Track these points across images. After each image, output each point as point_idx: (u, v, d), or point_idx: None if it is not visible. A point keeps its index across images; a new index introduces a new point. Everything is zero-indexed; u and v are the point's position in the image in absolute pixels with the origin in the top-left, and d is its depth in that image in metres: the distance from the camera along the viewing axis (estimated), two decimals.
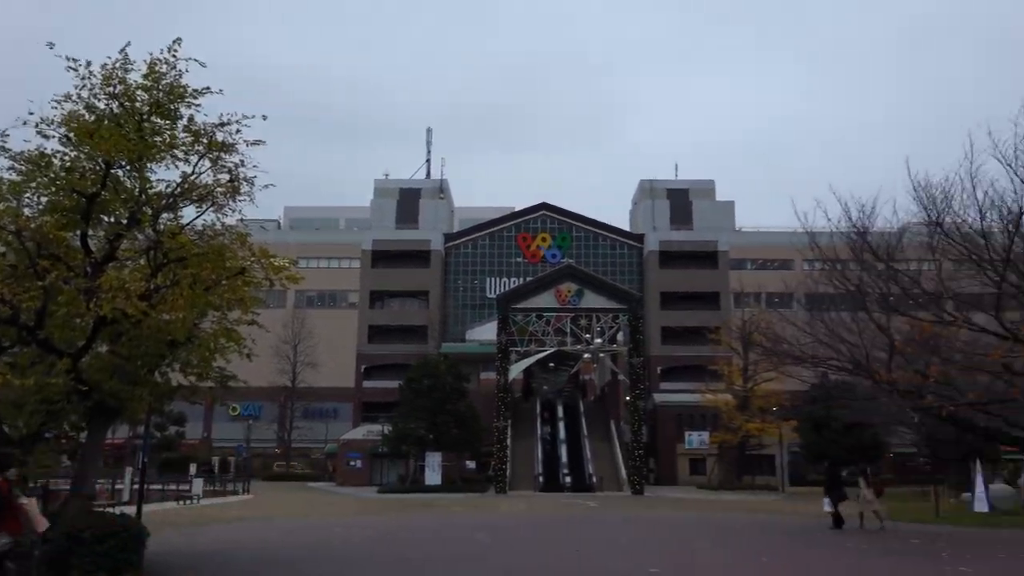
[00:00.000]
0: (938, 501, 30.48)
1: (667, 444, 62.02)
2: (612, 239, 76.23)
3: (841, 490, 23.18)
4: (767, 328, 30.17)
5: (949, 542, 18.56)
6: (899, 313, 24.12)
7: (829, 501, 23.00)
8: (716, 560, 15.60)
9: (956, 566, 14.18)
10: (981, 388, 23.23)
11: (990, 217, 22.20)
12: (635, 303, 51.93)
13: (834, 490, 23.11)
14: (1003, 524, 24.51)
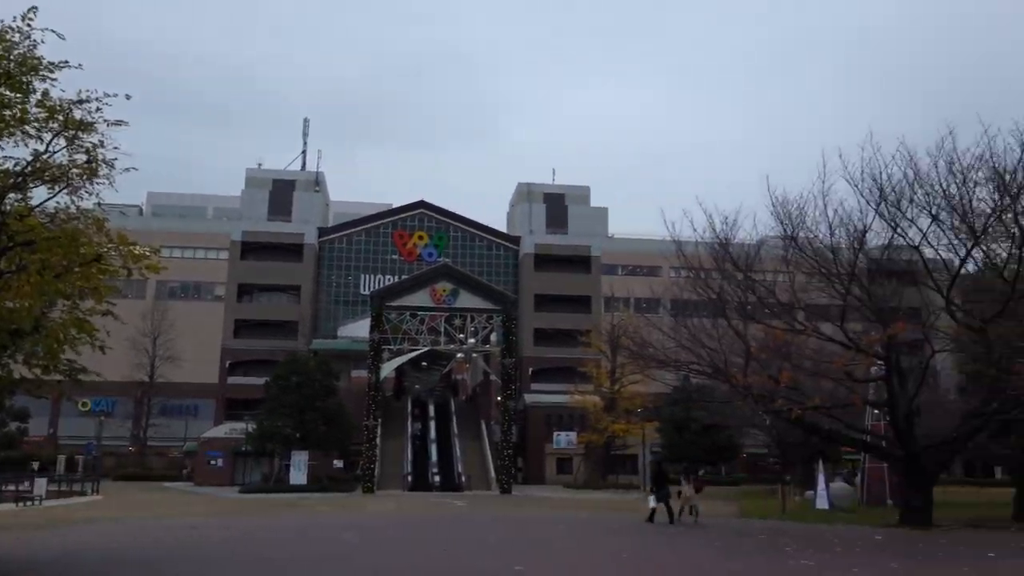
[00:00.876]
0: (784, 499, 32.34)
1: (536, 444, 63.04)
2: (489, 240, 76.76)
3: (666, 488, 24.32)
4: (635, 332, 31.18)
5: (793, 537, 19.74)
6: (755, 321, 25.54)
7: (654, 498, 24.01)
8: (579, 558, 15.99)
9: (799, 560, 15.14)
10: (826, 393, 24.93)
11: (839, 234, 23.93)
12: (509, 304, 52.50)
13: (660, 488, 24.18)
14: (840, 520, 26.29)
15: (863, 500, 35.05)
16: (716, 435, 51.96)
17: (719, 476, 60.74)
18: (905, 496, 24.61)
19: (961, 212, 22.29)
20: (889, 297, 24.55)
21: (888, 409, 24.21)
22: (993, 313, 21.86)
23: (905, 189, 22.67)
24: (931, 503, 24.11)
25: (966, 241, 22.80)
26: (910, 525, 22.94)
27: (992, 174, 21.92)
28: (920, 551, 16.90)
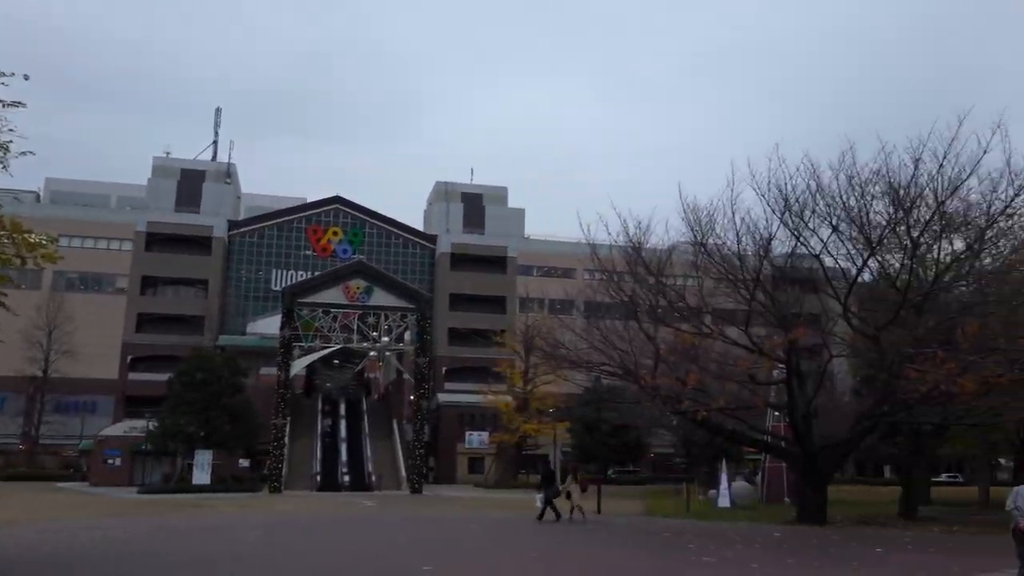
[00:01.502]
0: (689, 498, 33.23)
1: (448, 443, 62.98)
2: (405, 238, 76.21)
3: (554, 487, 24.84)
4: (548, 333, 31.53)
5: (696, 535, 20.32)
6: (665, 324, 26.17)
7: (542, 497, 24.44)
8: (488, 557, 16.05)
9: (701, 557, 15.60)
10: (730, 395, 25.72)
11: (745, 241, 24.76)
12: (424, 303, 52.24)
13: (547, 487, 24.63)
14: (741, 518, 27.19)
15: (763, 498, 36.37)
16: (625, 435, 53.02)
17: (627, 475, 61.99)
18: (802, 494, 25.64)
19: (859, 224, 23.41)
20: (791, 303, 25.57)
21: (788, 411, 25.19)
22: (886, 321, 23.03)
23: (808, 200, 23.66)
24: (826, 501, 25.21)
25: (863, 251, 23.96)
26: (806, 522, 23.93)
27: (888, 188, 23.12)
28: (815, 547, 17.65)
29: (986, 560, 15.09)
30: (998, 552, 16.66)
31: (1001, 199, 22.32)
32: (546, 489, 24.48)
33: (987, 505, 34.19)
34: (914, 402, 22.27)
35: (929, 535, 20.96)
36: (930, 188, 22.37)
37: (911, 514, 27.00)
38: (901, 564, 14.83)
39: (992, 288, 24.55)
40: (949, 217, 23.44)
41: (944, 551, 17.01)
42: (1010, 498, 11.41)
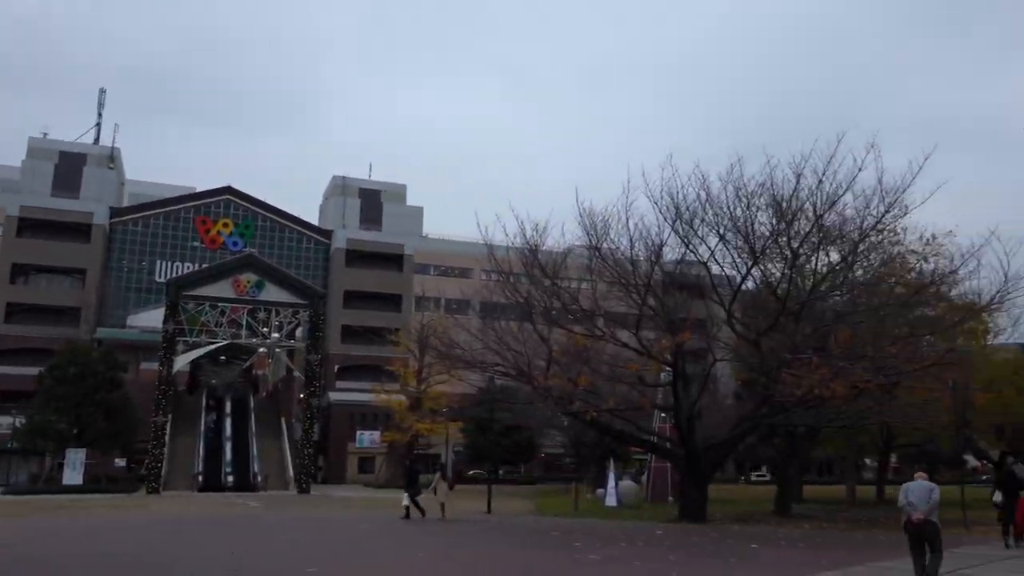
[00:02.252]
0: (577, 497, 33.80)
1: (338, 443, 61.92)
2: (300, 232, 74.46)
3: (417, 486, 25.14)
4: (443, 332, 31.48)
5: (583, 533, 20.68)
6: (559, 326, 26.53)
7: (408, 496, 24.75)
8: (375, 557, 15.87)
9: (587, 555, 15.89)
10: (620, 396, 26.33)
11: (638, 247, 25.37)
12: (318, 299, 51.17)
13: (411, 486, 24.94)
14: (627, 516, 27.87)
15: (648, 497, 37.38)
16: (517, 435, 53.50)
17: (518, 474, 62.56)
18: (684, 493, 26.49)
19: (744, 233, 24.37)
20: (679, 308, 26.36)
21: (673, 412, 25.98)
22: (766, 327, 24.09)
23: (698, 209, 24.46)
24: (706, 499, 26.13)
25: (747, 260, 24.95)
26: (688, 520, 24.74)
27: (772, 201, 24.16)
28: (695, 543, 18.27)
29: (851, 555, 15.99)
30: (862, 547, 17.74)
31: (873, 215, 23.73)
32: (410, 488, 24.82)
33: (854, 503, 36.24)
34: (790, 405, 23.35)
35: (800, 531, 22.04)
36: (810, 202, 23.53)
37: (785, 512, 28.30)
38: (774, 559, 15.53)
39: (862, 299, 26.05)
40: (826, 230, 24.70)
41: (813, 546, 17.92)
42: (902, 495, 12.05)
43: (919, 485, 11.84)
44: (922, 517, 11.46)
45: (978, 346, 34.49)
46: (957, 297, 28.52)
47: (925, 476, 12.27)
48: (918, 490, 11.73)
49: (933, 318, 26.28)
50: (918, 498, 11.63)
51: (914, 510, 11.57)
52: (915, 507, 11.59)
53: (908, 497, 11.79)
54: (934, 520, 11.63)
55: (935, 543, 11.60)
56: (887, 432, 37.55)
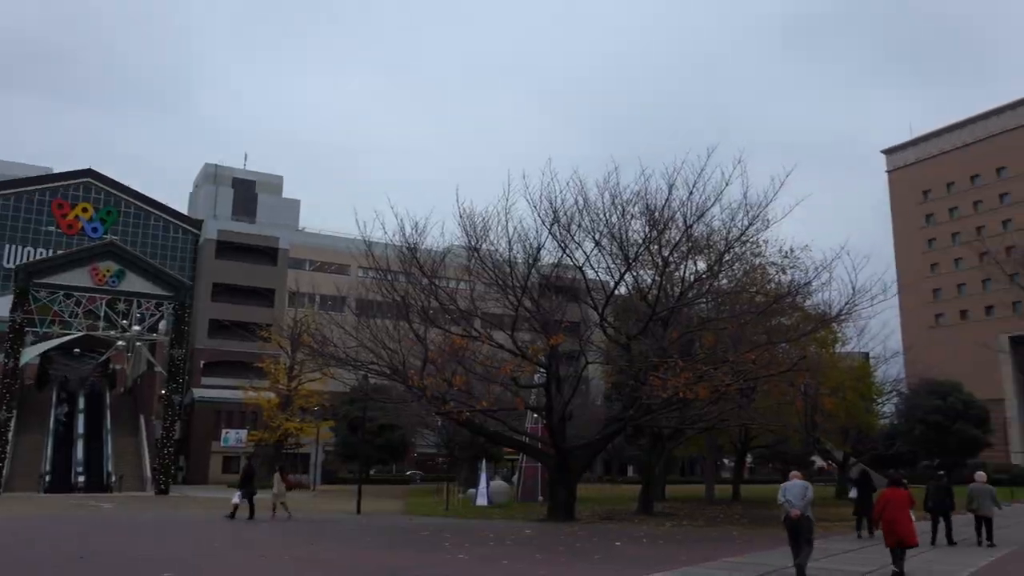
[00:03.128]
0: (448, 496, 33.84)
1: (201, 442, 59.48)
2: (166, 220, 70.97)
3: (252, 486, 24.99)
4: (317, 329, 30.77)
5: (452, 533, 20.73)
6: (436, 326, 26.50)
7: (240, 494, 24.64)
8: (231, 561, 15.35)
9: (456, 554, 15.94)
10: (494, 397, 26.56)
11: (516, 249, 25.69)
12: (184, 291, 48.91)
13: (246, 485, 24.85)
14: (496, 516, 28.13)
15: (518, 497, 37.88)
16: (390, 434, 52.99)
17: (389, 474, 61.97)
18: (553, 492, 27.00)
19: (619, 240, 25.13)
20: (555, 311, 26.87)
21: (546, 413, 26.44)
22: (636, 331, 24.92)
23: (575, 215, 25.03)
24: (575, 498, 26.73)
25: (621, 266, 25.73)
26: (556, 519, 25.23)
27: (645, 210, 25.03)
28: (562, 542, 18.66)
29: (708, 551, 16.75)
30: (718, 544, 18.62)
31: (738, 227, 24.97)
32: (245, 487, 24.59)
33: (712, 501, 37.96)
34: (657, 407, 24.25)
35: (662, 529, 22.90)
36: (680, 213, 24.52)
37: (649, 510, 29.32)
38: (636, 556, 16.06)
39: (726, 306, 27.38)
40: (695, 240, 25.80)
41: (674, 543, 18.67)
42: (780, 493, 12.98)
43: (795, 484, 12.87)
44: (798, 513, 12.49)
45: (827, 354, 36.93)
46: (810, 308, 30.41)
47: (799, 476, 13.29)
48: (794, 489, 12.77)
49: (789, 327, 27.91)
50: (795, 496, 12.65)
51: (792, 507, 12.59)
52: (792, 504, 12.60)
53: (786, 495, 12.78)
54: (808, 515, 12.67)
55: (808, 536, 12.66)
56: (744, 433, 39.63)
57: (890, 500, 13.32)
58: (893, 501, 13.26)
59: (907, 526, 13.00)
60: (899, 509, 13.10)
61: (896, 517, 13.00)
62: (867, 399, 43.89)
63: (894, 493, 13.43)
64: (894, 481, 14.09)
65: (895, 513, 13.06)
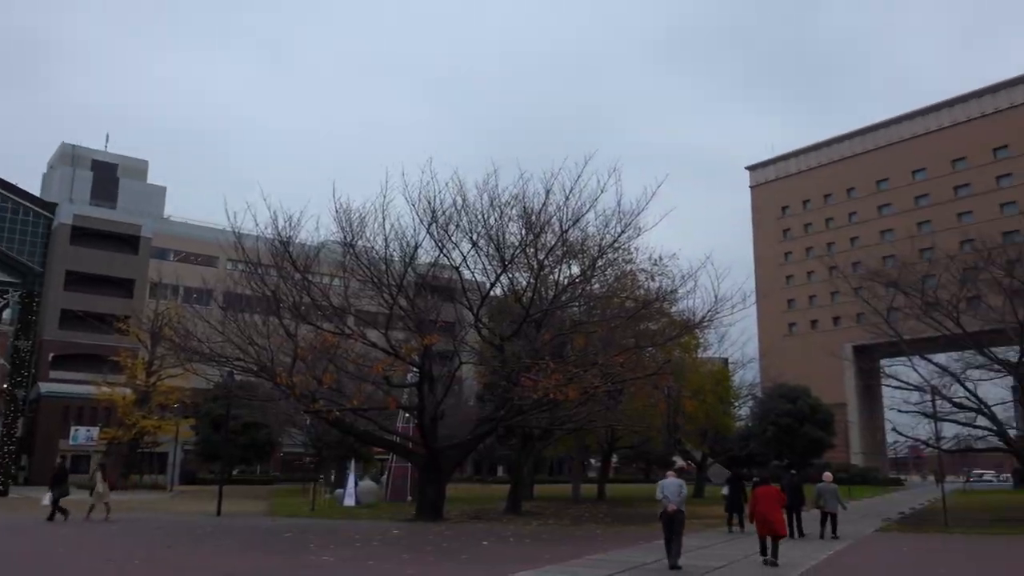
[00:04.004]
0: (314, 497, 33.15)
1: (47, 439, 55.62)
2: (16, 203, 65.73)
3: (64, 486, 24.20)
4: (180, 323, 29.40)
5: (317, 534, 20.32)
6: (307, 322, 25.90)
7: (51, 496, 23.85)
8: (82, 567, 14.48)
9: (320, 556, 15.63)
10: (365, 396, 26.21)
11: (393, 247, 25.47)
12: (32, 278, 45.58)
13: (58, 486, 23.99)
14: (363, 516, 27.79)
15: (387, 497, 37.56)
16: (255, 433, 51.38)
17: (254, 475, 60.02)
18: (422, 492, 26.93)
19: (496, 242, 25.36)
20: (430, 310, 26.81)
21: (417, 412, 26.34)
22: (510, 333, 25.23)
23: (454, 215, 25.06)
24: (444, 498, 26.75)
25: (497, 268, 25.97)
26: (425, 519, 25.18)
27: (522, 213, 25.38)
28: (429, 542, 18.64)
29: (572, 549, 17.16)
30: (582, 542, 19.11)
31: (611, 234, 25.75)
32: (56, 488, 23.73)
33: (578, 501, 38.89)
34: (528, 407, 24.63)
35: (529, 528, 23.27)
36: (557, 217, 25.02)
37: (517, 510, 29.72)
38: (502, 555, 16.26)
39: (597, 310, 28.14)
40: (570, 245, 26.39)
41: (540, 542, 19.02)
42: (659, 490, 14.24)
43: (672, 482, 14.21)
44: (675, 508, 13.79)
45: (690, 358, 38.60)
46: (676, 314, 31.70)
47: (675, 474, 14.67)
48: (671, 486, 14.09)
49: (655, 331, 28.98)
50: (672, 492, 13.98)
51: (669, 502, 13.87)
52: (670, 500, 13.89)
53: (664, 492, 14.07)
54: (683, 510, 14.01)
55: (682, 529, 13.99)
56: (611, 434, 40.81)
57: (762, 496, 14.76)
58: (765, 497, 14.72)
59: (778, 519, 14.58)
60: (770, 504, 14.58)
61: (768, 511, 14.44)
62: (725, 402, 46.16)
63: (766, 490, 14.90)
64: (764, 480, 15.80)
65: (767, 507, 14.48)
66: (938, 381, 29.34)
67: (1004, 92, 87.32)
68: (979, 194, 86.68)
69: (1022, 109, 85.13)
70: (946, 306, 28.26)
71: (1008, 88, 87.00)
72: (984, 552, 17.76)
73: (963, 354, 30.91)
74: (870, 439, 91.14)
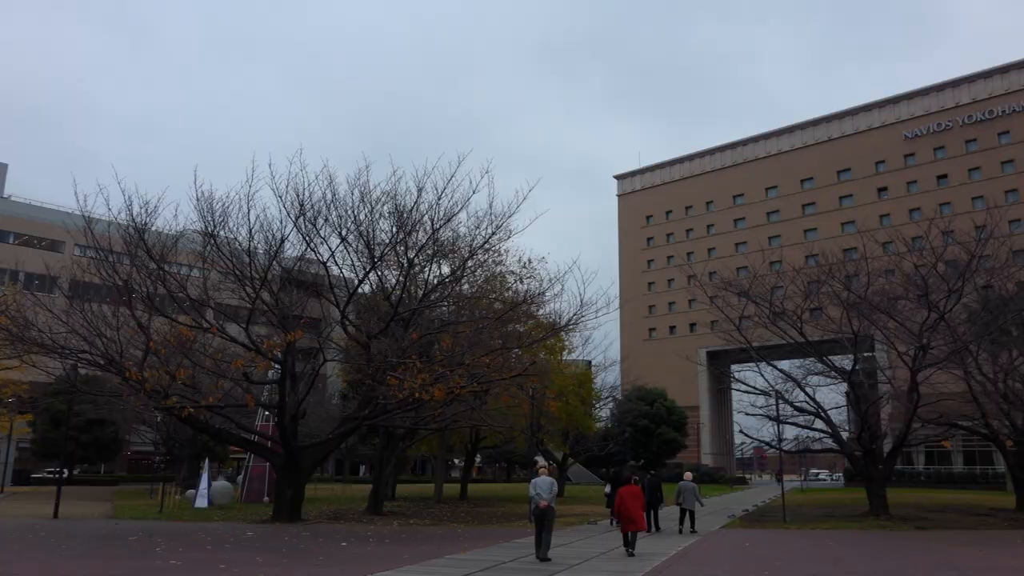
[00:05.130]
0: (163, 498, 31.61)
1: None
2: None
3: None
4: (18, 311, 27.25)
5: (166, 537, 19.38)
6: (162, 314, 24.65)
7: None
8: None
9: (168, 560, 14.89)
10: (223, 392, 25.22)
11: (258, 239, 24.65)
12: None
13: None
14: (217, 518, 26.74)
15: (243, 498, 36.30)
16: (99, 431, 48.49)
17: (97, 474, 56.49)
18: (280, 493, 26.19)
19: (366, 238, 25.02)
20: (295, 306, 26.13)
21: (278, 410, 25.60)
22: (377, 331, 24.93)
23: (323, 209, 24.51)
24: (302, 498, 26.12)
25: (366, 264, 25.62)
26: (282, 520, 24.51)
27: (394, 210, 25.16)
28: (285, 544, 18.14)
29: (432, 548, 17.17)
30: (442, 541, 19.15)
31: (482, 235, 25.92)
32: None
33: (440, 500, 38.90)
34: (393, 407, 24.43)
35: (390, 528, 23.10)
36: (428, 216, 24.95)
37: (378, 510, 29.41)
38: (361, 555, 16.05)
39: (466, 311, 28.27)
40: (441, 244, 26.38)
41: (400, 542, 18.90)
42: (532, 487, 15.10)
43: (544, 480, 15.19)
44: (546, 504, 14.81)
45: (555, 360, 39.45)
46: (543, 316, 32.32)
47: (547, 472, 15.66)
48: (543, 483, 15.09)
49: (522, 333, 29.43)
50: (543, 489, 14.96)
51: (540, 499, 14.84)
52: (541, 496, 14.86)
53: (536, 489, 15.00)
54: (553, 506, 15.03)
55: (552, 524, 15.03)
56: (475, 434, 41.11)
57: (626, 495, 16.18)
58: (629, 496, 16.16)
59: (640, 515, 16.16)
60: (633, 502, 16.07)
61: (631, 508, 15.94)
62: (587, 403, 47.45)
63: (629, 489, 16.37)
64: (626, 480, 17.64)
65: (630, 505, 15.98)
66: (782, 386, 31.34)
67: (849, 119, 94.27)
68: (823, 212, 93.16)
69: (864, 135, 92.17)
70: (791, 316, 30.20)
71: (852, 116, 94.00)
72: (813, 543, 19.10)
73: (805, 361, 33.14)
74: (720, 440, 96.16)
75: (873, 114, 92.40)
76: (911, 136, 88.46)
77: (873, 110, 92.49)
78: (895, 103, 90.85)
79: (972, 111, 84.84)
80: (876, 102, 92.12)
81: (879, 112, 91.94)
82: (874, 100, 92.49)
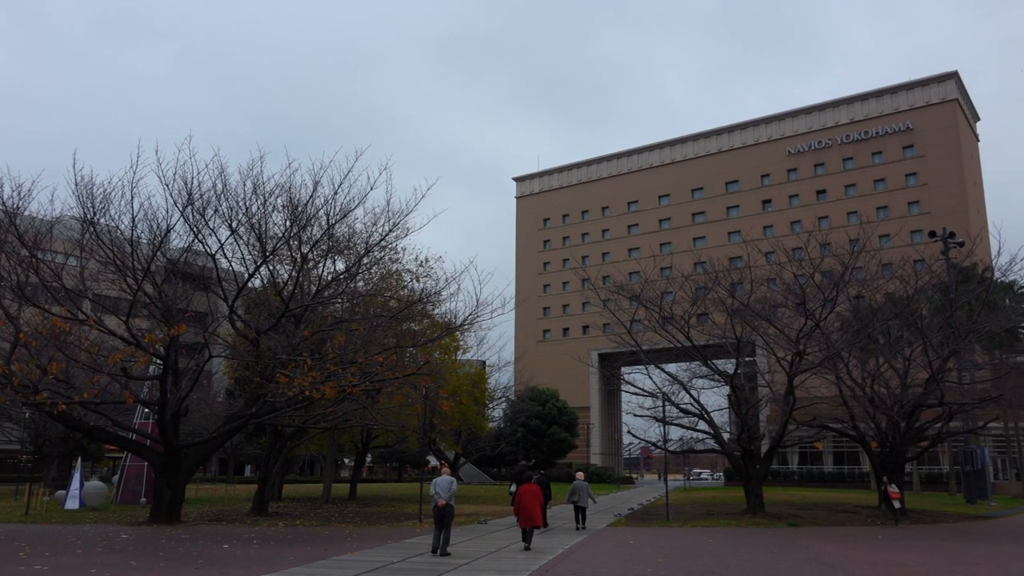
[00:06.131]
0: (30, 499, 29.84)
1: None
2: None
3: None
4: None
5: (31, 541, 18.32)
6: (34, 304, 23.25)
7: None
8: None
9: (33, 565, 14.06)
10: (99, 388, 23.99)
11: (141, 228, 23.57)
12: None
13: None
14: (89, 520, 25.43)
15: (118, 499, 34.67)
16: None
17: None
18: (157, 493, 25.13)
19: (257, 231, 24.30)
20: (180, 299, 25.11)
21: (159, 408, 24.55)
22: (267, 327, 24.26)
23: (212, 199, 23.64)
24: (182, 499, 25.13)
25: (257, 258, 24.88)
26: (159, 521, 23.53)
27: (288, 203, 24.54)
28: (163, 547, 17.43)
29: (319, 550, 16.88)
30: (330, 542, 18.84)
31: (379, 232, 25.63)
32: None
33: (328, 500, 38.21)
34: (282, 405, 23.83)
35: (275, 529, 22.52)
36: (324, 211, 24.47)
37: (263, 510, 28.61)
38: (244, 558, 15.59)
39: (360, 308, 27.89)
40: (336, 240, 25.93)
41: (284, 544, 18.46)
42: (432, 486, 15.96)
43: (443, 479, 16.05)
44: (444, 502, 15.65)
45: (449, 360, 39.43)
46: (439, 316, 32.24)
47: (447, 472, 16.75)
48: (442, 482, 15.96)
49: (417, 332, 29.29)
50: (442, 488, 15.83)
51: (439, 497, 15.73)
52: (440, 495, 15.74)
53: (436, 488, 15.85)
54: (452, 504, 15.87)
55: (450, 521, 15.83)
56: (366, 433, 40.60)
57: (525, 493, 17.24)
58: (528, 494, 17.24)
59: (537, 512, 17.25)
60: (532, 500, 17.17)
61: (529, 505, 17.04)
62: (480, 404, 47.64)
63: (528, 488, 17.47)
64: (527, 479, 19.07)
65: (529, 502, 17.07)
66: (669, 388, 32.38)
67: (738, 133, 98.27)
68: (712, 222, 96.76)
69: (751, 149, 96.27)
70: (679, 321, 31.25)
71: (740, 130, 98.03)
72: (694, 541, 19.84)
73: (691, 364, 34.35)
74: (609, 440, 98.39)
75: (760, 129, 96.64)
76: (794, 152, 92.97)
77: (760, 125, 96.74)
78: (780, 120, 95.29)
79: (850, 131, 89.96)
80: (763, 118, 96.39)
81: (765, 128, 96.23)
82: (761, 116, 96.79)
